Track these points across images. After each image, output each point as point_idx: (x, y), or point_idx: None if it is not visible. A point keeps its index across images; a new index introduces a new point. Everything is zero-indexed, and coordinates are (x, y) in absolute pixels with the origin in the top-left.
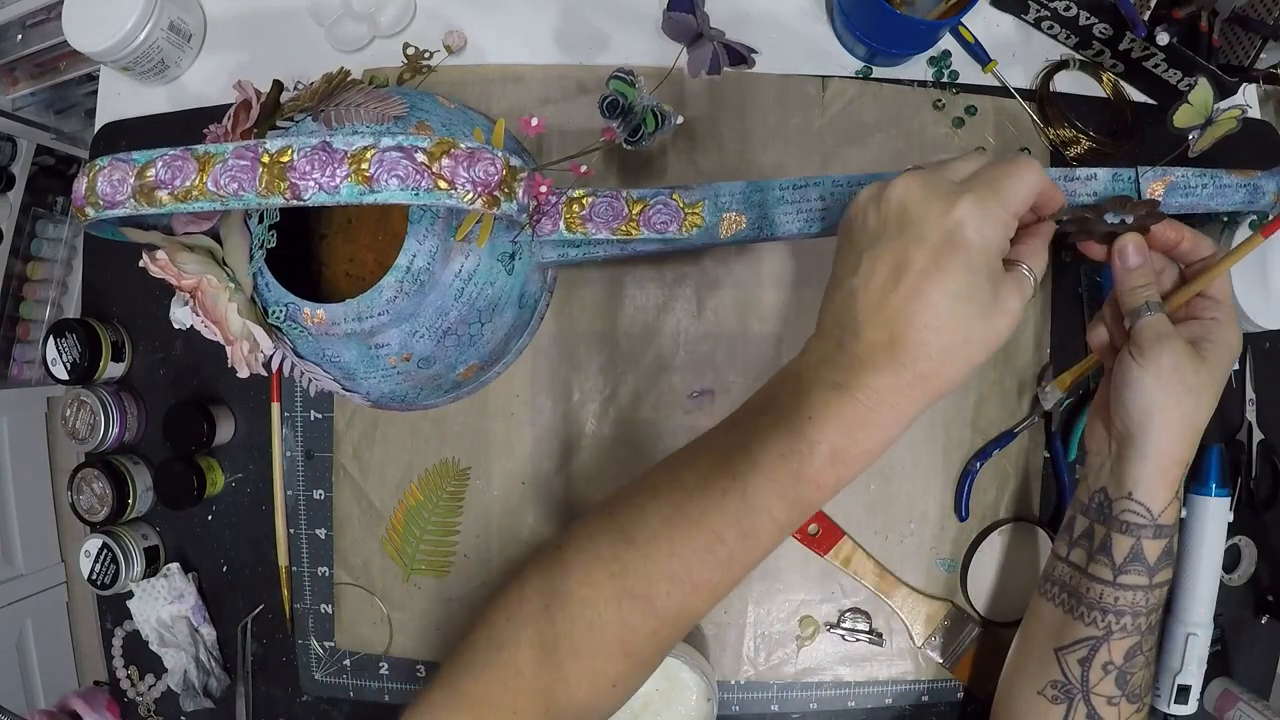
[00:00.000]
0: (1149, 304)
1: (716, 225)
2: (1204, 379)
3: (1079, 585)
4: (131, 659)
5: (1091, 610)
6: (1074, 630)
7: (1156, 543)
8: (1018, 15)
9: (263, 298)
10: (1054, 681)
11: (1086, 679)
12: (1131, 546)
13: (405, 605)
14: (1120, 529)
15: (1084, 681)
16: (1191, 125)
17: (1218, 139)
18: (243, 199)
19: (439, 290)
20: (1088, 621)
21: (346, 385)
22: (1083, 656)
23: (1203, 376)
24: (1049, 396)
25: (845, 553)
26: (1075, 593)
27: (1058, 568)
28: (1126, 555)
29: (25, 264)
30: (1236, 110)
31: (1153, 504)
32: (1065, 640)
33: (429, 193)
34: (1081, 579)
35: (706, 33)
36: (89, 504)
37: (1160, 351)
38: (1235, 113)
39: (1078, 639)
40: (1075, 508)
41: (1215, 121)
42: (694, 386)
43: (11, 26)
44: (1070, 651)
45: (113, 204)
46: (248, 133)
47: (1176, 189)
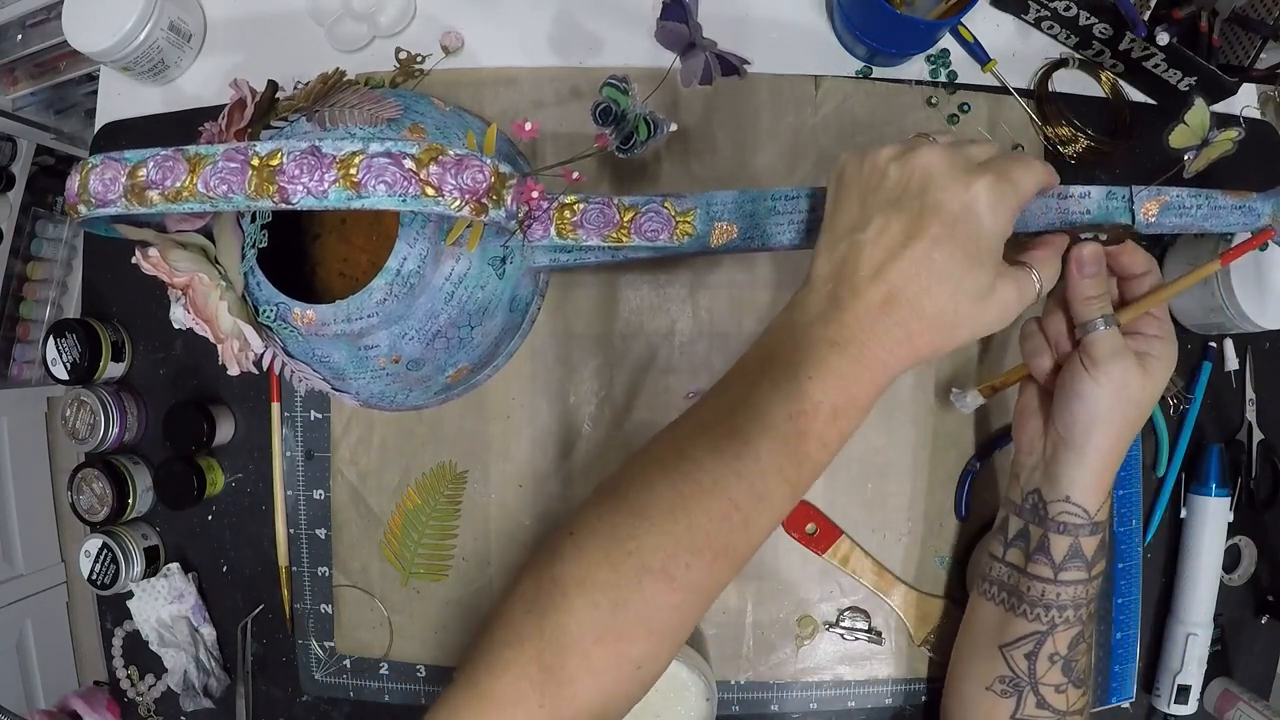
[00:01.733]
0: (1104, 317)
1: (708, 234)
2: (1148, 392)
3: (1019, 584)
4: (131, 659)
5: (1034, 607)
6: (1017, 627)
7: (1093, 539)
8: (1017, 15)
9: (254, 297)
10: (1002, 676)
11: (1034, 671)
12: (1070, 545)
13: (404, 609)
14: (1058, 530)
15: (1031, 674)
16: (1187, 146)
17: (1214, 160)
18: (232, 201)
19: (429, 293)
20: (1030, 618)
21: (336, 385)
22: (1029, 651)
23: (1147, 390)
24: (967, 403)
25: (843, 552)
26: (1015, 591)
27: (995, 568)
28: (1066, 554)
29: (25, 264)
30: (1233, 132)
31: (1089, 505)
32: (1009, 637)
33: (416, 199)
34: (1021, 578)
35: (699, 42)
36: (89, 504)
37: (1112, 366)
38: (1232, 134)
39: (1022, 635)
40: (1007, 508)
41: (1211, 143)
42: (689, 387)
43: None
44: (1015, 647)
45: (104, 202)
46: (242, 132)
47: (1171, 209)
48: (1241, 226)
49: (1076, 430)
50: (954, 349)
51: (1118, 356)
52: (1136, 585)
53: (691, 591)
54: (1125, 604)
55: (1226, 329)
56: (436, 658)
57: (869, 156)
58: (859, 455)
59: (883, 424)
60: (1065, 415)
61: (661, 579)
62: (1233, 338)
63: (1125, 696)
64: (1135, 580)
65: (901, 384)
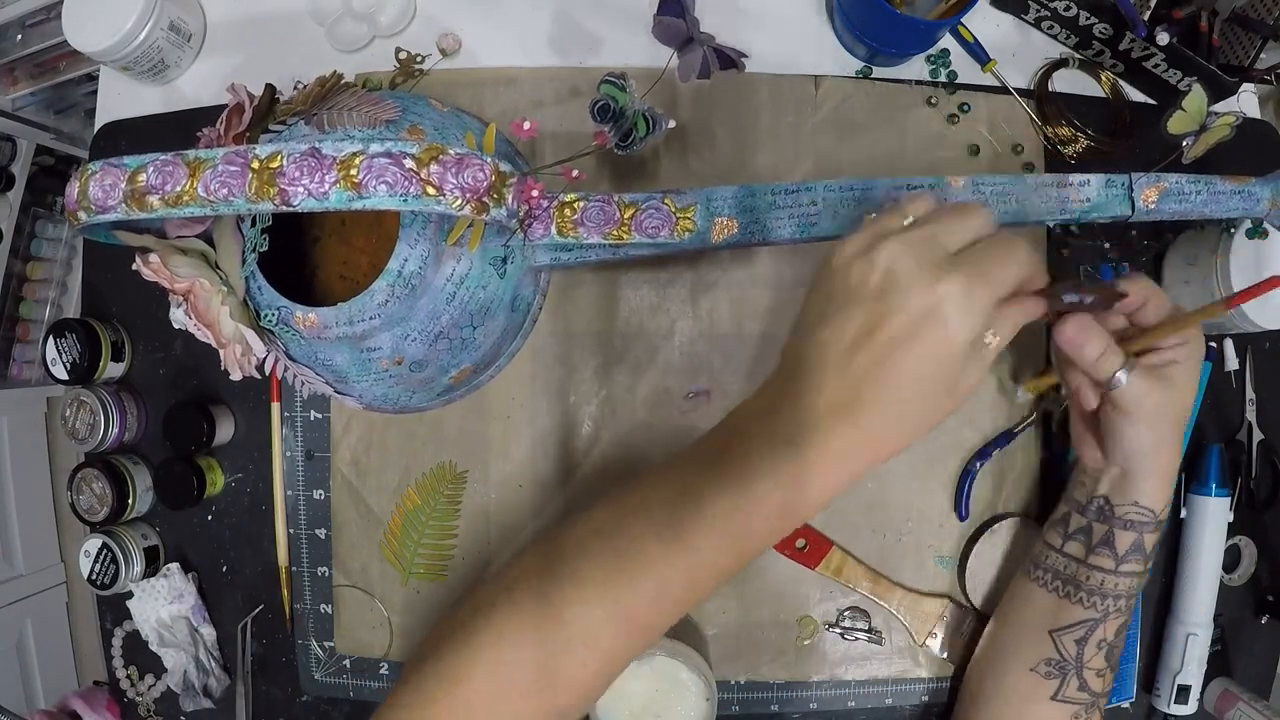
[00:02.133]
0: (1116, 375)
1: (708, 230)
2: (1181, 399)
3: (1077, 574)
4: (131, 659)
5: (1091, 595)
6: (1071, 613)
7: (1155, 534)
8: (1017, 15)
9: (255, 301)
10: (1049, 659)
11: (1081, 656)
12: (1134, 540)
13: (404, 609)
14: (1124, 526)
15: (1079, 658)
16: (1186, 131)
17: (1212, 145)
18: (233, 204)
19: (430, 294)
20: (1087, 605)
21: (339, 388)
22: (1080, 637)
23: (1180, 399)
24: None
25: (835, 563)
26: (1073, 580)
27: (1050, 557)
28: (1129, 548)
29: (25, 264)
30: (1231, 116)
31: (1157, 506)
32: (1062, 622)
33: (417, 199)
34: (1080, 568)
35: (697, 37)
36: (89, 504)
37: (1142, 407)
38: (1229, 119)
39: (1076, 621)
40: (1070, 506)
41: (1209, 128)
42: (690, 388)
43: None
44: (1067, 633)
45: (104, 209)
46: (240, 137)
47: (1170, 195)
48: (1241, 212)
49: (1134, 461)
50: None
51: (1146, 396)
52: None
53: (615, 659)
54: None
55: (1226, 329)
56: None
57: (837, 251)
58: None
59: None
60: (1118, 452)
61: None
62: (1233, 338)
63: (1125, 696)
64: None
65: None
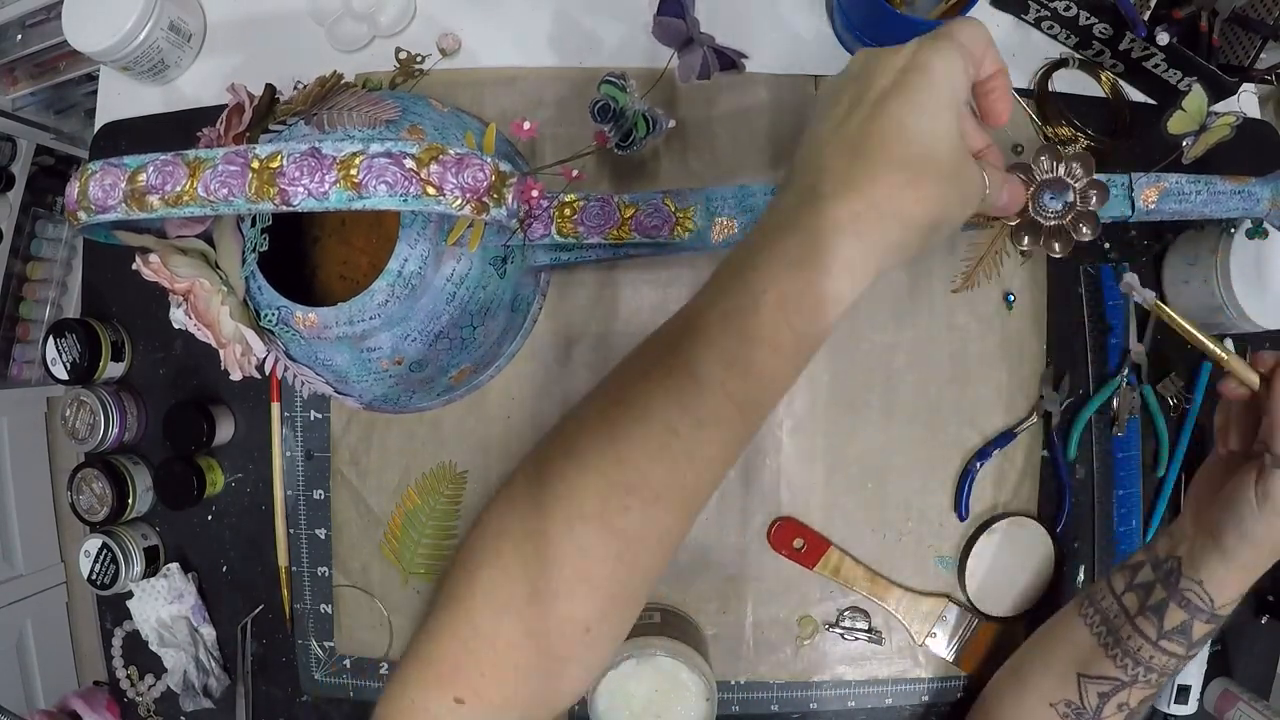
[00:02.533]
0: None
1: (708, 230)
2: None
3: (1121, 628)
4: (131, 659)
5: (1125, 656)
6: (1103, 665)
7: (1207, 626)
8: (1018, 15)
9: (255, 301)
10: (1069, 701)
11: (1100, 711)
12: (1183, 621)
13: (404, 609)
14: (1180, 603)
15: (1098, 712)
16: (1186, 131)
17: (1211, 145)
18: (233, 204)
19: (430, 294)
20: (1119, 664)
21: (339, 388)
22: (1104, 691)
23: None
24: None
25: (833, 563)
26: (1115, 632)
27: (1106, 599)
28: (1175, 627)
29: (25, 264)
30: (1231, 117)
31: (1218, 597)
32: (1092, 671)
33: (417, 199)
34: (1125, 624)
35: (697, 38)
36: (89, 504)
37: None
38: (1230, 119)
39: (1104, 675)
40: (1148, 555)
41: (1209, 128)
42: None
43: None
44: (1094, 684)
45: (104, 209)
46: (240, 137)
47: (1170, 195)
48: (1241, 211)
49: (1229, 538)
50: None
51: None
52: None
53: (633, 539)
54: None
55: (1226, 329)
56: None
57: None
58: (858, 455)
59: (882, 424)
60: (1221, 519)
61: (596, 525)
62: (1233, 338)
63: None
64: None
65: (901, 382)
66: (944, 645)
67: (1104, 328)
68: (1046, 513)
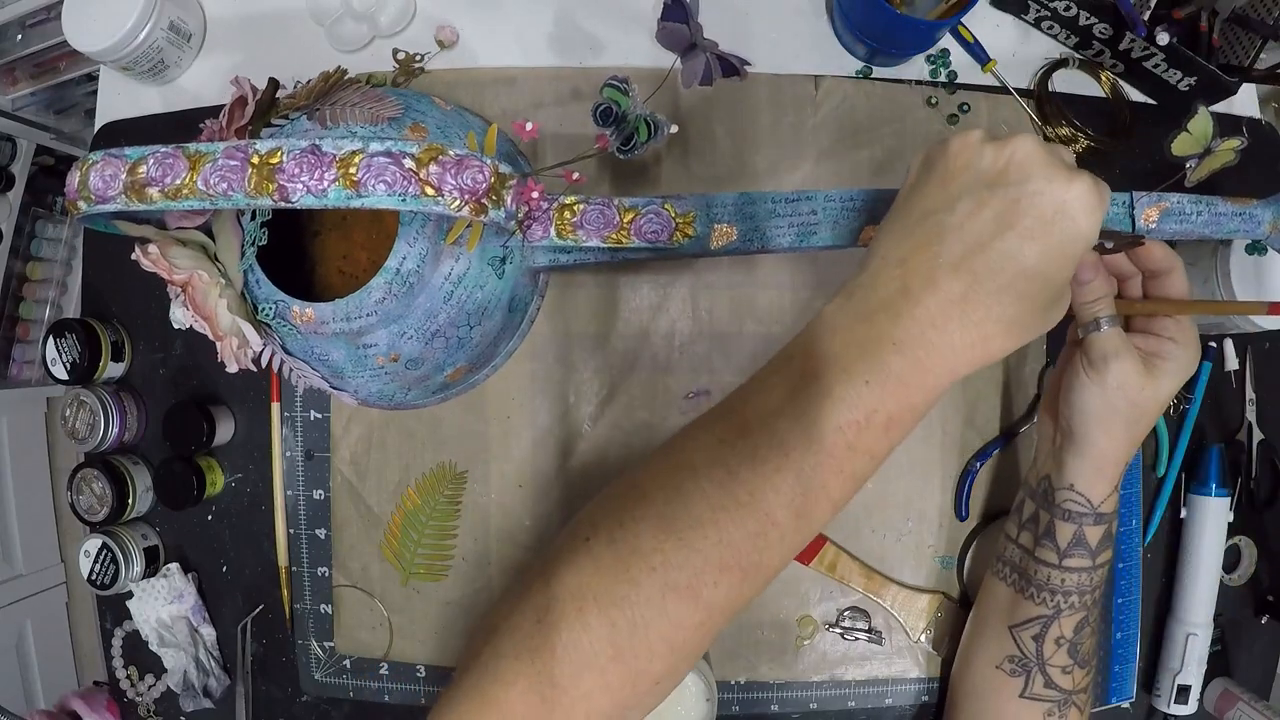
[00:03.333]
0: (1100, 319)
1: (707, 236)
2: (1149, 395)
3: (1027, 567)
4: (131, 659)
5: (1040, 591)
6: (1025, 609)
7: (1097, 528)
8: (1017, 15)
9: (253, 294)
10: (1011, 656)
11: (1041, 653)
12: (1074, 533)
13: (404, 609)
14: (1063, 516)
15: (1039, 655)
16: (1189, 154)
17: (1216, 170)
18: (232, 199)
19: (428, 293)
20: (1037, 601)
21: (334, 383)
22: (1035, 633)
23: (1148, 393)
24: None
25: (829, 559)
26: (1025, 574)
27: (1008, 549)
28: (1070, 541)
29: (25, 264)
30: (1235, 142)
31: (1092, 495)
32: (1018, 618)
33: (415, 199)
34: (1030, 561)
35: (700, 43)
36: (89, 504)
37: (1107, 367)
38: (1234, 144)
39: (1029, 617)
40: (1024, 490)
41: (1214, 152)
42: (690, 388)
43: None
44: (1024, 629)
45: (104, 199)
46: (243, 130)
47: (1171, 215)
48: (1242, 234)
49: (1076, 424)
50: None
51: (1114, 358)
52: (1136, 585)
53: (717, 610)
54: (1125, 604)
55: (1226, 329)
56: (436, 658)
57: (959, 136)
58: None
59: None
60: (1066, 409)
61: (687, 597)
62: (1233, 338)
63: (1125, 696)
64: (1135, 580)
65: None
66: (941, 643)
67: None
68: None
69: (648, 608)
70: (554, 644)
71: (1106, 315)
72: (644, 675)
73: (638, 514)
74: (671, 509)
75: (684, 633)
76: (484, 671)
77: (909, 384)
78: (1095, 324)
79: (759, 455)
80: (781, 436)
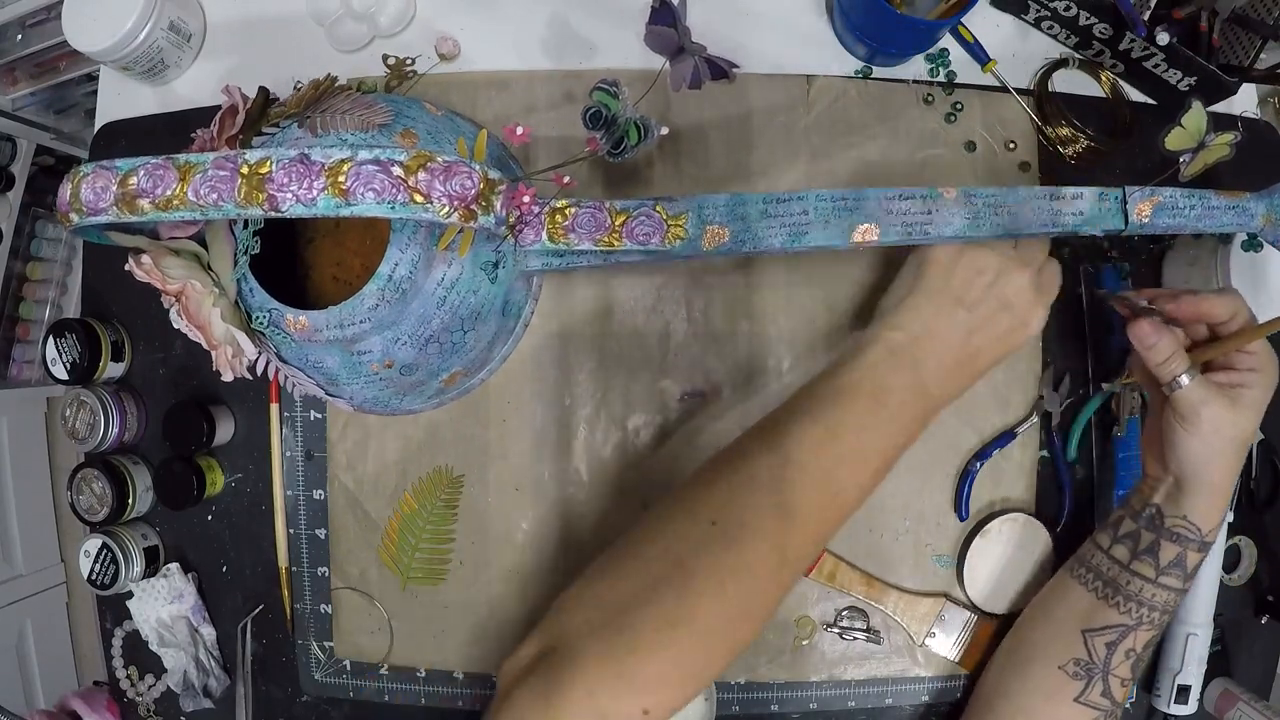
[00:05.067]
0: (1179, 377)
1: (699, 238)
2: (1243, 427)
3: (1118, 577)
4: (131, 659)
5: (1128, 601)
6: (1106, 615)
7: (1199, 555)
8: (1017, 15)
9: (246, 303)
10: (1077, 659)
11: (1109, 661)
12: (1177, 554)
13: (402, 613)
14: (1170, 539)
15: (1106, 663)
16: (1183, 149)
17: (1210, 164)
18: (222, 209)
19: (421, 298)
20: (1123, 610)
21: (329, 390)
22: (1110, 640)
23: (1241, 424)
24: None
25: (828, 569)
26: (1113, 583)
27: (1096, 557)
28: (1171, 561)
29: (25, 264)
30: (1229, 136)
31: (1204, 525)
32: (1096, 624)
33: (405, 206)
34: (1122, 572)
35: (688, 46)
36: (89, 504)
37: (1199, 418)
38: (1228, 138)
39: (1109, 624)
40: (1125, 511)
41: (1208, 146)
42: (685, 389)
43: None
44: (1099, 635)
45: (95, 211)
46: (234, 139)
47: (1164, 209)
48: (1236, 227)
49: (1188, 472)
50: None
51: (1205, 405)
52: None
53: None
54: None
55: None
56: (435, 661)
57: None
58: None
59: None
60: (1172, 460)
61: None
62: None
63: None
64: None
65: None
66: (945, 645)
67: (1104, 327)
68: (1046, 513)
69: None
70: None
71: (1184, 371)
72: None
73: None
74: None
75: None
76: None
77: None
78: (1175, 383)
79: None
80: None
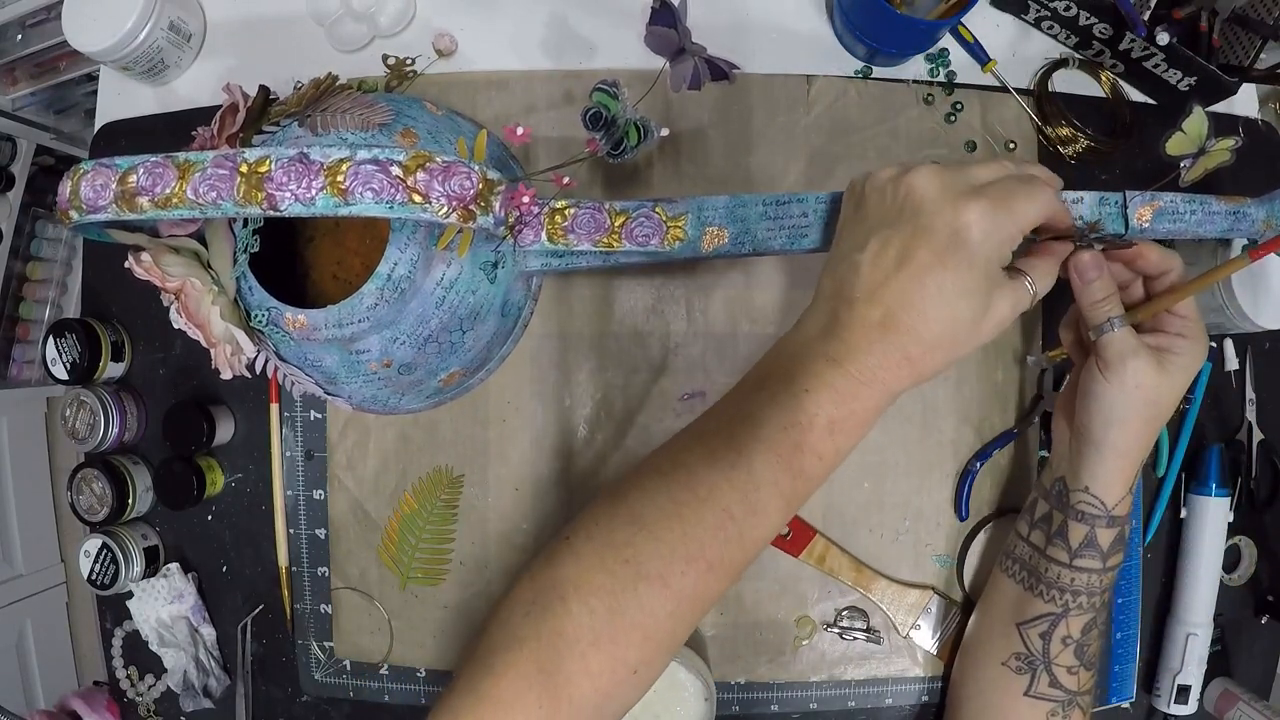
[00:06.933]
0: (1111, 320)
1: (699, 239)
2: (1165, 391)
3: (1038, 565)
4: (131, 659)
5: (1050, 589)
6: (1034, 606)
7: (1110, 531)
8: (1017, 15)
9: (246, 301)
10: (1017, 653)
11: (1048, 651)
12: (1086, 534)
13: (402, 614)
14: (1076, 518)
15: (1045, 654)
16: (1184, 154)
17: (1211, 170)
18: (221, 208)
19: (420, 298)
20: (1046, 599)
21: (328, 389)
22: (1043, 631)
23: (1164, 389)
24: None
25: (819, 551)
26: (1035, 571)
27: (1018, 546)
28: (1082, 541)
29: (25, 264)
30: (1230, 141)
31: (1107, 498)
32: (1026, 615)
33: (403, 206)
34: (1040, 559)
35: (688, 47)
36: (89, 504)
37: (1124, 367)
38: (1229, 143)
39: (1038, 615)
40: (1037, 490)
41: (1208, 151)
42: (685, 389)
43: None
44: (1031, 626)
45: (95, 209)
46: (234, 138)
47: (1164, 214)
48: (1235, 232)
49: (1093, 427)
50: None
51: (1130, 357)
52: (1136, 585)
53: (686, 599)
54: (1125, 604)
55: (1226, 329)
56: (435, 662)
57: (871, 177)
58: (856, 454)
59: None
60: (1083, 413)
61: (657, 585)
62: (1233, 338)
63: (1125, 696)
64: (1135, 580)
65: None
66: (928, 637)
67: None
68: None
69: (622, 595)
70: (538, 633)
71: (1117, 315)
72: (622, 662)
73: (613, 513)
74: (640, 506)
75: (657, 620)
76: (475, 666)
77: (844, 393)
78: (1108, 325)
79: (715, 456)
80: (735, 437)
